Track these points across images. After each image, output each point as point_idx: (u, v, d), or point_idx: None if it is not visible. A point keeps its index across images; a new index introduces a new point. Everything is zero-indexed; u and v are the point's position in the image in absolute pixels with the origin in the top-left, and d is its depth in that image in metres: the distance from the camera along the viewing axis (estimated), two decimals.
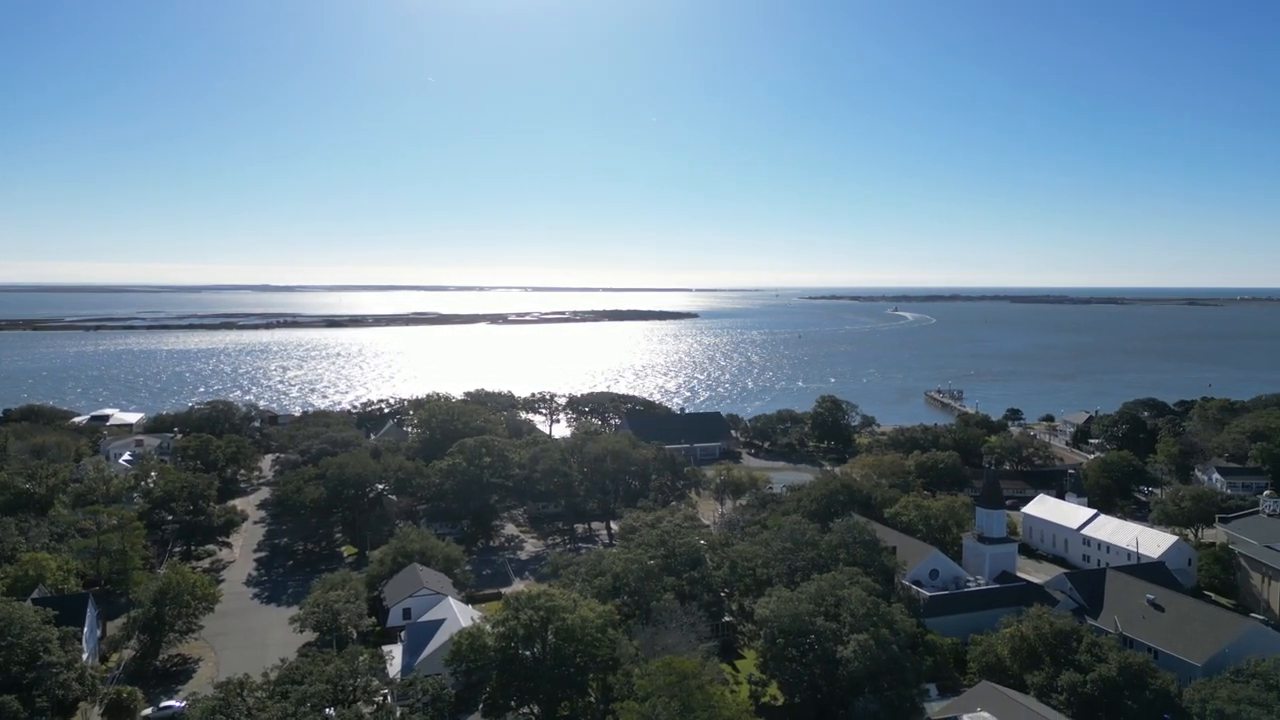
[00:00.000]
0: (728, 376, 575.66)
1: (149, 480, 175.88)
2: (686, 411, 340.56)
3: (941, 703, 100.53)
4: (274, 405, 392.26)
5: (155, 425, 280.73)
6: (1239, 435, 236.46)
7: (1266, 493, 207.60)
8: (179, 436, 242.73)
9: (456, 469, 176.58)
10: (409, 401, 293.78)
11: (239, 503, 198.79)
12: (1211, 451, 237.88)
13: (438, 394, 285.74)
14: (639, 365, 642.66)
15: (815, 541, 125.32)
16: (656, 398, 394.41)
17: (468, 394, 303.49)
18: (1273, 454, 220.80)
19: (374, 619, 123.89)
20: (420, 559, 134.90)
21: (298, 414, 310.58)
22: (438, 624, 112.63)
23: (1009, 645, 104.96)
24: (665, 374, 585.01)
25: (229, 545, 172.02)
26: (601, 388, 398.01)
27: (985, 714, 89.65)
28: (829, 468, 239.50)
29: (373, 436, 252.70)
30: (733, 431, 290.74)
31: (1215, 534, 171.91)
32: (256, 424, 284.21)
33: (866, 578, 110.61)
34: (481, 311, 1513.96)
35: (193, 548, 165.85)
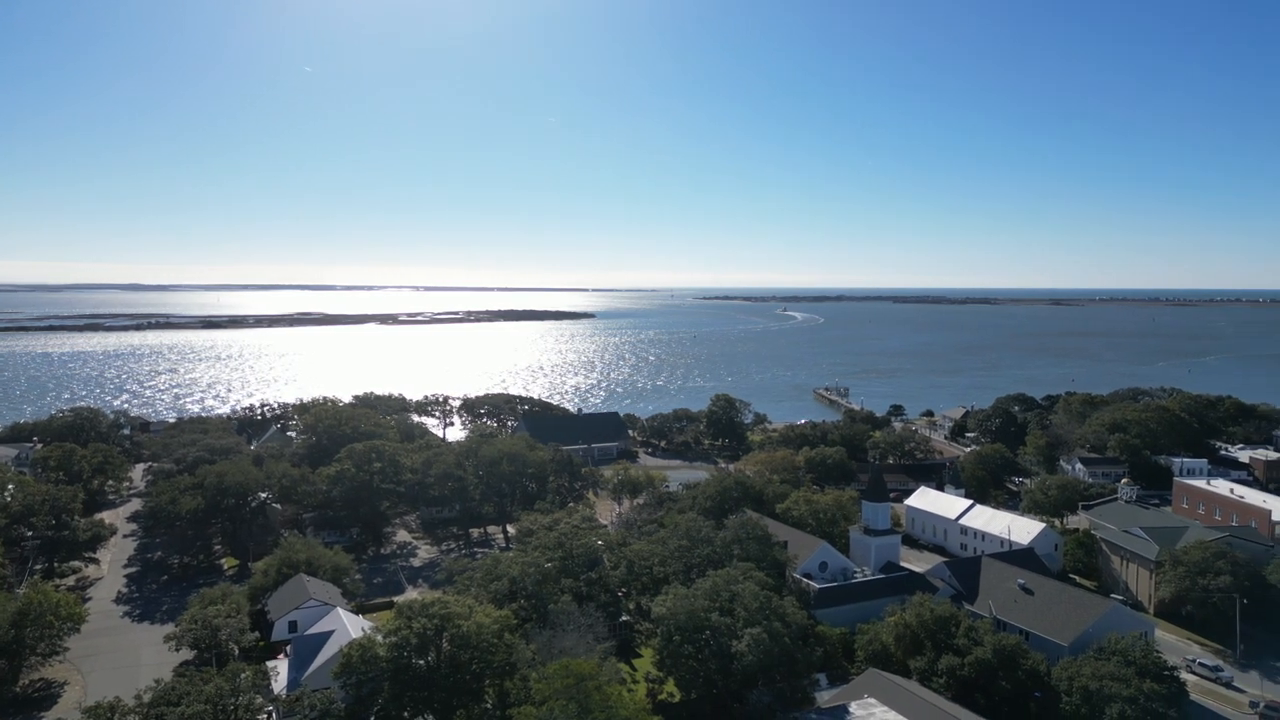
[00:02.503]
0: (625, 376, 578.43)
1: (5, 494, 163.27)
2: (584, 412, 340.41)
3: (831, 691, 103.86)
4: (146, 412, 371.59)
5: (12, 434, 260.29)
6: (1099, 427, 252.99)
7: (1124, 480, 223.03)
8: (39, 446, 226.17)
9: (345, 475, 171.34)
10: (293, 406, 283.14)
11: (107, 516, 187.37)
12: (1075, 443, 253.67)
13: (324, 398, 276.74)
14: (536, 366, 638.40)
15: (710, 538, 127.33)
16: (554, 398, 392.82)
17: (356, 397, 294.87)
18: (1129, 444, 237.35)
19: (257, 633, 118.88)
20: (307, 569, 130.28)
21: (172, 421, 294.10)
22: (326, 636, 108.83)
23: (893, 633, 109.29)
24: (563, 374, 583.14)
25: (96, 561, 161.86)
26: (497, 389, 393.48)
27: (871, 700, 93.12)
28: (723, 465, 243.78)
29: (254, 443, 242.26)
30: (630, 431, 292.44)
31: (1079, 520, 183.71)
32: (126, 432, 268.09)
33: (760, 572, 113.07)
34: (371, 312, 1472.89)
35: (56, 565, 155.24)
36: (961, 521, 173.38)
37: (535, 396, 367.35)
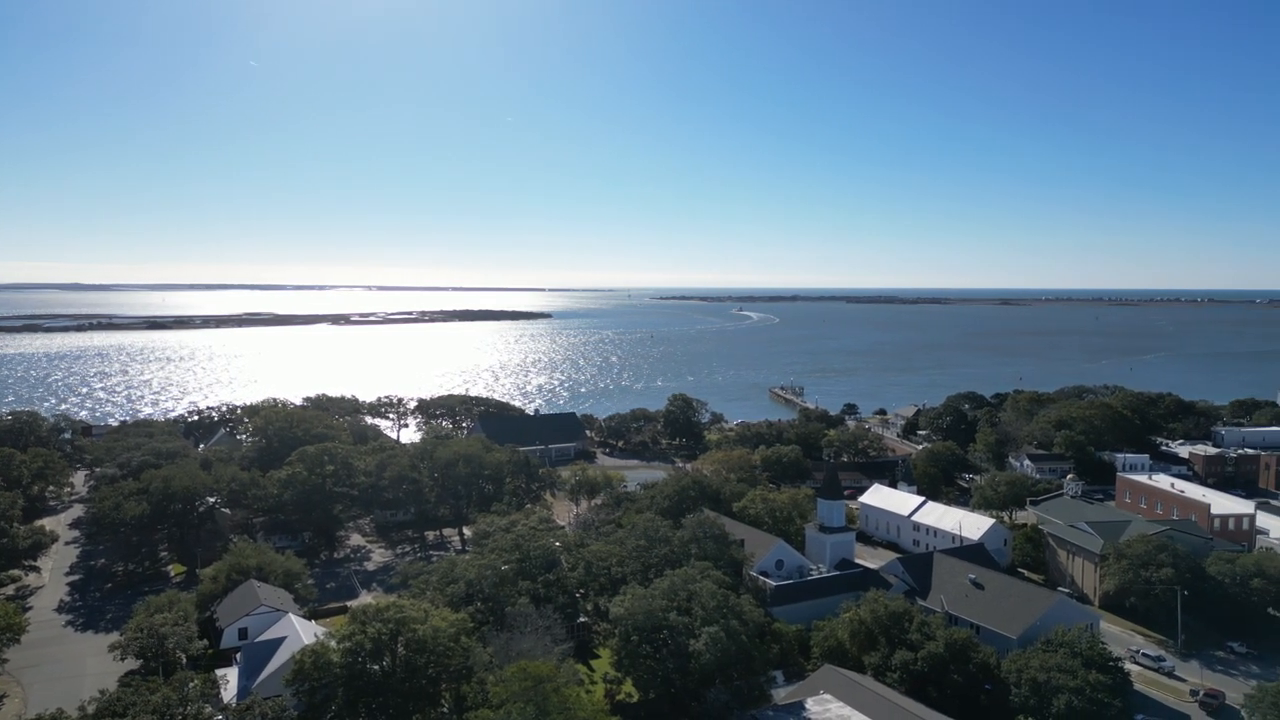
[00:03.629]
0: (582, 377, 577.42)
1: None
2: (541, 413, 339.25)
3: (787, 688, 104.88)
4: (89, 415, 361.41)
5: None
6: (1046, 424, 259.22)
7: (1070, 476, 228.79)
8: None
9: (296, 478, 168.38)
10: (243, 408, 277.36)
11: (47, 522, 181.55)
12: (1023, 440, 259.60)
13: (275, 400, 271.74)
14: (492, 366, 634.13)
15: (668, 538, 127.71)
16: (510, 399, 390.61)
17: (308, 399, 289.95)
18: (1075, 441, 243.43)
19: (206, 641, 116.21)
20: (258, 575, 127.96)
21: (116, 424, 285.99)
22: (277, 642, 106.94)
23: (848, 629, 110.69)
24: (519, 375, 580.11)
25: (36, 569, 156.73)
26: (453, 390, 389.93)
27: (827, 695, 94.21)
28: (681, 465, 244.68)
29: (202, 446, 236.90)
30: (587, 431, 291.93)
31: (1027, 515, 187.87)
32: (67, 436, 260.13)
33: (717, 571, 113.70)
34: (322, 312, 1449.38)
35: None
36: (914, 518, 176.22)
37: (491, 397, 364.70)
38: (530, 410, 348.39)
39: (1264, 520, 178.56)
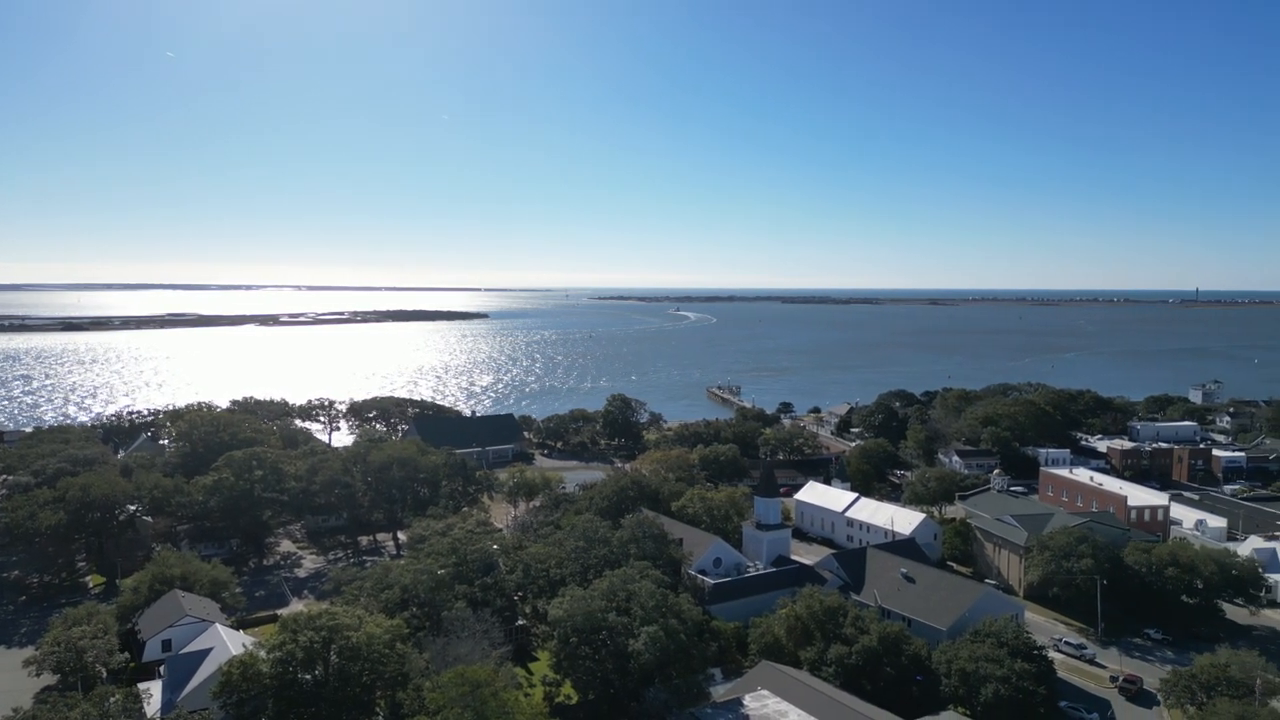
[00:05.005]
0: (520, 377, 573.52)
1: None
2: (478, 414, 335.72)
3: (726, 685, 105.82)
4: (0, 421, 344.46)
5: None
6: (973, 421, 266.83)
7: (996, 471, 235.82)
8: None
9: (223, 484, 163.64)
10: (165, 412, 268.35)
11: None
12: (951, 436, 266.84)
13: (199, 403, 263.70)
14: (427, 368, 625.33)
15: (607, 538, 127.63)
16: (446, 401, 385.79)
17: (234, 402, 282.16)
18: (1000, 437, 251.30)
19: (127, 654, 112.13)
20: (182, 585, 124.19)
21: (29, 430, 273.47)
22: (204, 654, 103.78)
23: (785, 625, 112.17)
24: (455, 376, 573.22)
25: None
26: (386, 392, 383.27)
27: (764, 691, 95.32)
28: (620, 465, 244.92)
29: (122, 453, 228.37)
30: (525, 433, 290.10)
31: (956, 510, 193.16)
32: None
33: (656, 570, 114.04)
34: (249, 312, 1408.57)
35: None
36: (848, 514, 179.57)
37: (427, 399, 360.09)
38: (467, 412, 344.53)
39: (1177, 511, 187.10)
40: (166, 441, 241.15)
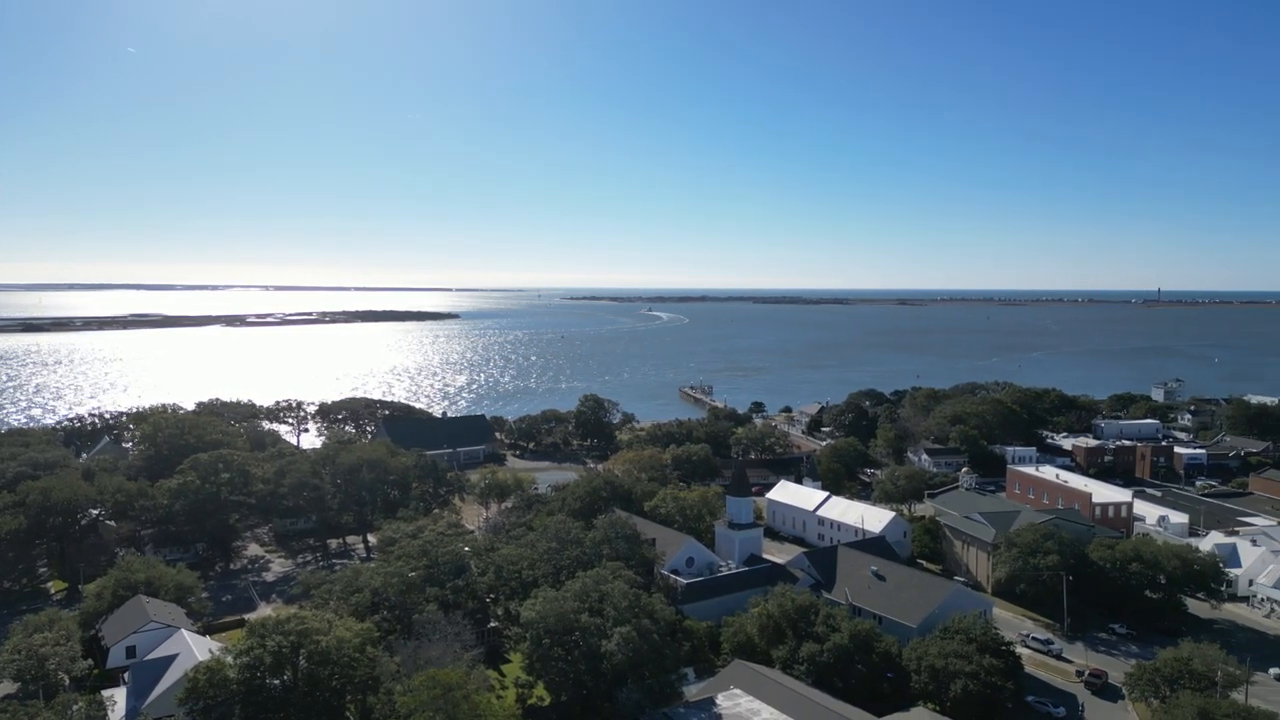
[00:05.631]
0: (492, 378, 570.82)
1: None
2: (449, 415, 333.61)
3: (699, 685, 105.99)
4: None
5: None
6: (941, 420, 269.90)
7: (964, 469, 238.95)
8: None
9: (188, 488, 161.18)
10: (129, 415, 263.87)
11: None
12: (920, 435, 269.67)
13: (164, 405, 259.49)
14: (397, 369, 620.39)
15: (580, 539, 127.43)
16: (417, 402, 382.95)
17: (200, 404, 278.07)
18: (968, 435, 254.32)
19: (90, 661, 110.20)
20: (146, 590, 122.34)
21: None
22: (169, 660, 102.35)
23: (757, 624, 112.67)
24: (426, 377, 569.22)
25: None
26: (356, 393, 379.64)
27: (737, 690, 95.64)
28: (592, 465, 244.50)
29: (84, 456, 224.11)
30: (497, 434, 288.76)
31: (925, 508, 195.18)
32: None
33: (629, 571, 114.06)
34: (215, 313, 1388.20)
35: None
36: (819, 513, 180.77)
37: (397, 400, 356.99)
38: (438, 413, 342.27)
39: (1140, 508, 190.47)
40: (130, 444, 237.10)
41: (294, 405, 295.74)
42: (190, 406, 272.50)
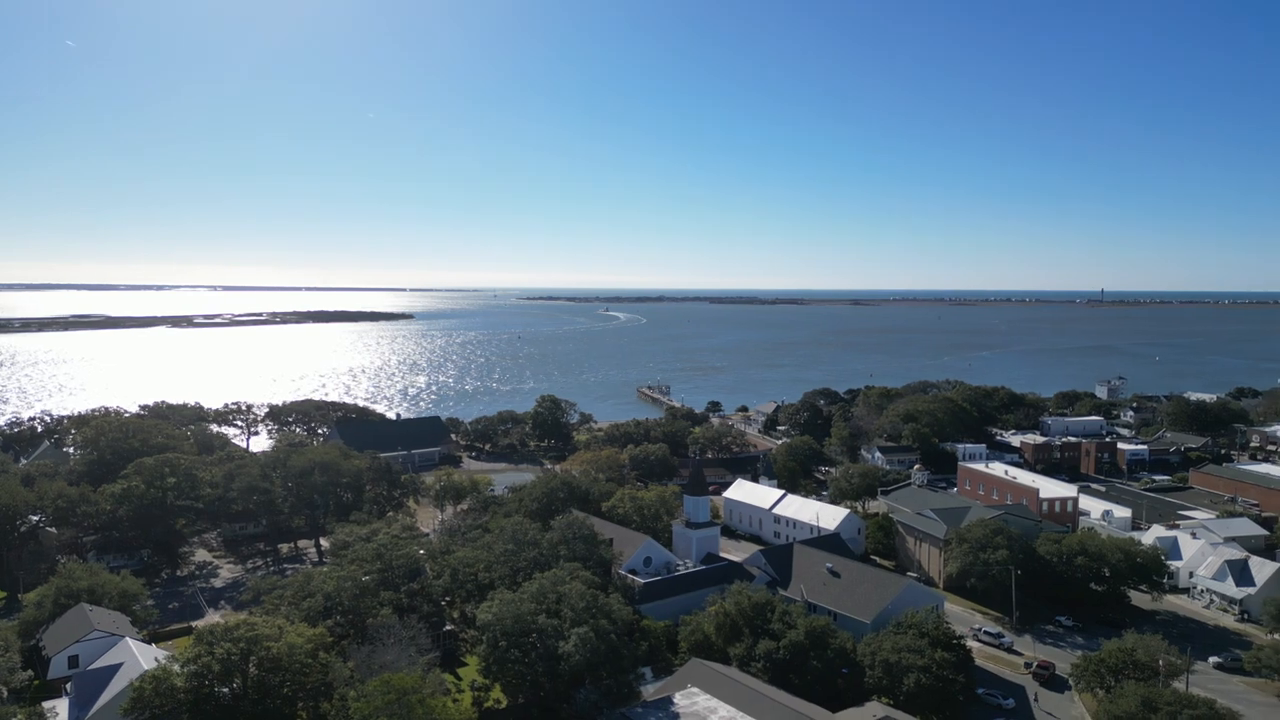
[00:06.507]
0: (448, 379, 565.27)
1: None
2: (403, 417, 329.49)
3: (656, 684, 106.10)
4: None
5: None
6: (894, 418, 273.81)
7: (917, 467, 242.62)
8: None
9: (133, 493, 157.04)
10: (70, 418, 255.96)
11: None
12: (874, 433, 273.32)
13: (107, 408, 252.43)
14: (350, 370, 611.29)
15: (537, 540, 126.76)
16: (371, 404, 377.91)
17: (145, 407, 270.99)
18: (920, 433, 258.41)
19: (31, 672, 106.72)
20: (89, 598, 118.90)
21: None
22: (113, 669, 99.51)
23: (714, 622, 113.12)
24: (380, 378, 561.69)
25: None
26: (307, 395, 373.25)
27: (695, 689, 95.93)
28: (550, 466, 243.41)
29: (23, 461, 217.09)
30: (453, 435, 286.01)
31: (878, 505, 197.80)
32: None
33: (586, 571, 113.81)
34: (161, 313, 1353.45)
35: None
36: (775, 511, 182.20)
37: (350, 402, 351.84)
38: (392, 415, 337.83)
39: (1086, 503, 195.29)
40: (71, 449, 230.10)
41: (243, 408, 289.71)
42: (134, 410, 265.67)
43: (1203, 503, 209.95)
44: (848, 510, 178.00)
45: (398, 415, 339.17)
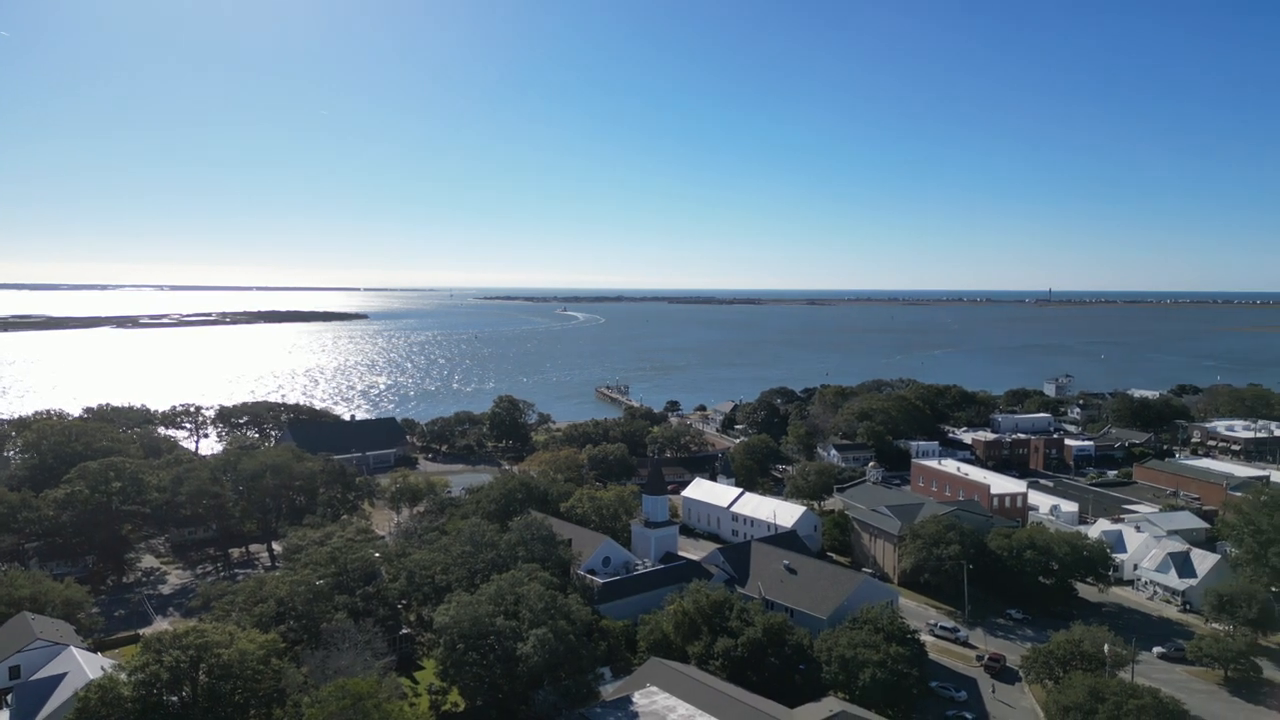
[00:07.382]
0: (404, 380, 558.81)
1: None
2: (358, 418, 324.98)
3: (615, 684, 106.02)
4: None
5: None
6: (850, 416, 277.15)
7: (871, 464, 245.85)
8: None
9: (76, 497, 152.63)
10: (10, 422, 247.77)
11: None
12: (829, 431, 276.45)
13: (49, 411, 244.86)
14: (303, 371, 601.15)
15: (495, 542, 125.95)
16: (324, 405, 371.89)
17: (89, 410, 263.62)
18: (875, 431, 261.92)
19: None
20: (31, 606, 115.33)
21: None
22: (57, 679, 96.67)
23: (672, 621, 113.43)
24: (333, 379, 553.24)
25: None
26: (258, 397, 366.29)
27: (654, 688, 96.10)
28: (508, 467, 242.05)
29: None
30: (409, 436, 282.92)
31: (834, 502, 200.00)
32: None
33: (545, 572, 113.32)
34: (106, 314, 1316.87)
35: None
36: (733, 509, 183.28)
37: (303, 404, 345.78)
38: (346, 416, 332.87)
39: (1034, 498, 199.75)
40: (11, 453, 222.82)
41: (191, 410, 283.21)
42: (77, 412, 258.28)
43: (1146, 497, 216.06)
44: (804, 508, 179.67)
45: (352, 416, 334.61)
